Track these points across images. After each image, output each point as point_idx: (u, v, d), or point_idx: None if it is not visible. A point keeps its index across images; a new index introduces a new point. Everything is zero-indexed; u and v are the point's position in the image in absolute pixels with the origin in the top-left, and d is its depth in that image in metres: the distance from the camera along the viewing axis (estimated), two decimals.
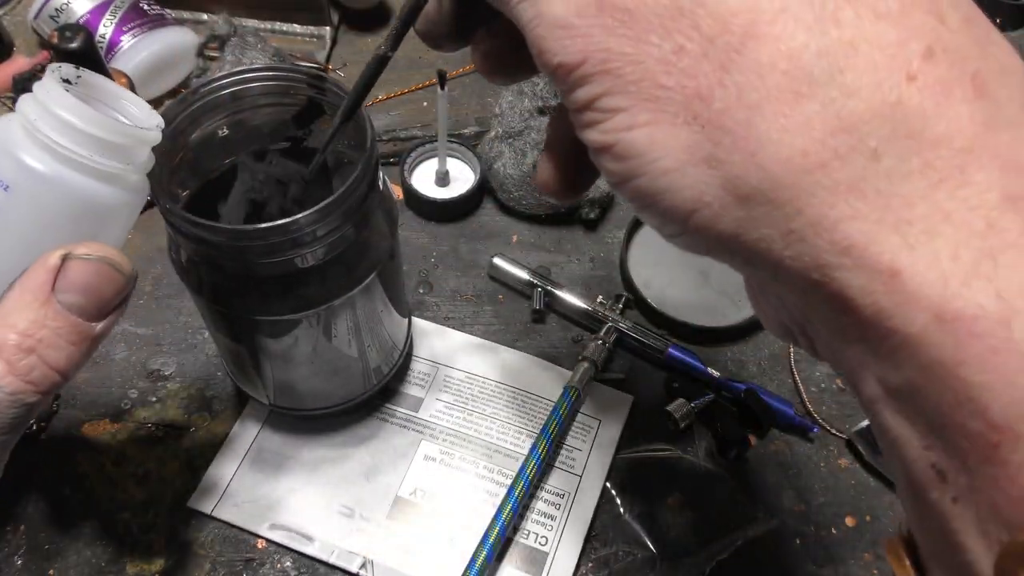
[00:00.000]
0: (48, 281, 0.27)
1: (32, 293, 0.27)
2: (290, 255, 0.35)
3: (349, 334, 0.43)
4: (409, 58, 0.74)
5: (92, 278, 0.28)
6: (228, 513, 0.47)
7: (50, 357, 0.27)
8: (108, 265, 0.28)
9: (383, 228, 0.41)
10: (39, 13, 0.67)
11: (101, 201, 0.29)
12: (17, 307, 0.27)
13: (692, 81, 0.20)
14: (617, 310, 0.56)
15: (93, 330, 0.28)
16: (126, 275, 0.29)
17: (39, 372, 0.27)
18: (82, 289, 0.27)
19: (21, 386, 0.26)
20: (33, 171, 0.27)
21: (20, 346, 0.26)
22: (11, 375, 0.26)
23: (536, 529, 0.47)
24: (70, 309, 0.27)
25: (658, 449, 0.51)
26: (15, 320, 0.26)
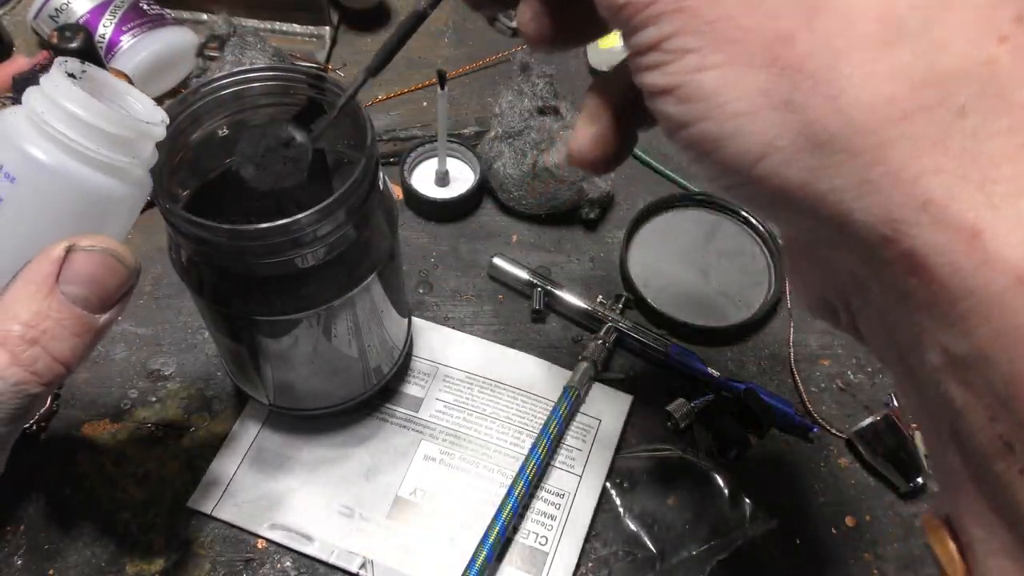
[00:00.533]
0: (52, 272, 0.27)
1: (36, 284, 0.27)
2: (290, 255, 0.35)
3: (349, 334, 0.43)
4: (409, 58, 0.74)
5: (96, 270, 0.28)
6: (228, 513, 0.47)
7: (54, 348, 0.27)
8: (112, 257, 0.28)
9: (383, 228, 0.41)
10: (39, 13, 0.67)
11: (106, 194, 0.29)
12: (21, 298, 0.27)
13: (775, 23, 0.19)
14: (617, 310, 0.56)
15: (97, 322, 0.28)
16: (129, 268, 0.29)
17: (43, 363, 0.27)
18: (86, 281, 0.27)
19: (25, 377, 0.26)
20: (39, 163, 0.27)
21: (24, 337, 0.26)
22: (15, 366, 0.26)
23: (536, 529, 0.47)
24: (74, 301, 0.27)
25: (658, 449, 0.51)
26: (18, 311, 0.26)
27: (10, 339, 0.26)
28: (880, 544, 0.48)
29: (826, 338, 0.57)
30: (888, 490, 0.51)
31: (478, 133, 0.65)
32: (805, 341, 0.57)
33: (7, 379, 0.26)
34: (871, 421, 0.50)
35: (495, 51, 0.74)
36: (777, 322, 0.58)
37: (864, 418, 0.51)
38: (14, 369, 0.26)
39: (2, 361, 0.26)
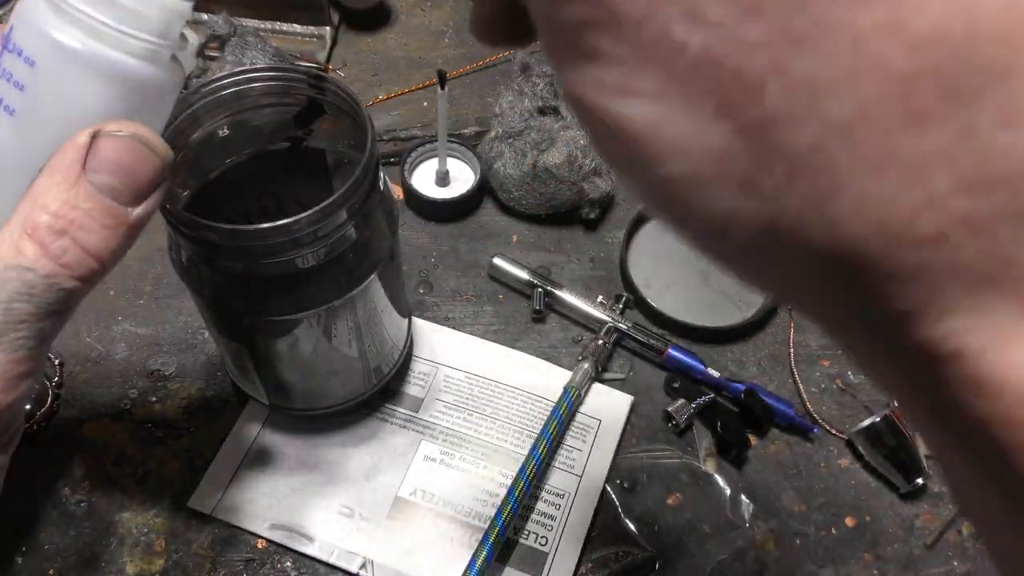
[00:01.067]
0: (78, 160, 0.26)
1: (62, 173, 0.25)
2: (291, 255, 0.35)
3: (349, 334, 0.43)
4: (409, 58, 0.74)
5: (124, 156, 0.26)
6: (228, 513, 0.47)
7: (83, 240, 0.26)
8: (141, 143, 0.26)
9: (383, 228, 0.41)
10: None
11: (137, 79, 0.27)
12: (47, 188, 0.25)
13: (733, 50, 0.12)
14: (617, 310, 0.56)
15: (129, 215, 0.27)
16: (160, 155, 0.27)
17: (73, 255, 0.26)
18: (114, 168, 0.26)
19: (56, 269, 0.25)
20: (62, 46, 0.26)
21: (52, 227, 0.25)
22: (45, 258, 0.25)
23: (536, 529, 0.47)
24: (102, 190, 0.26)
25: (658, 449, 0.51)
26: (46, 201, 0.25)
27: (38, 230, 0.25)
28: (880, 544, 0.48)
29: (826, 338, 0.57)
30: (888, 490, 0.51)
31: (478, 133, 0.65)
32: (805, 341, 0.57)
33: (38, 271, 0.25)
34: (871, 421, 0.50)
35: (495, 51, 0.74)
36: (777, 322, 0.58)
37: (864, 418, 0.51)
38: (44, 261, 0.25)
39: (31, 253, 0.25)
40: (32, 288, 0.25)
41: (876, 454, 0.50)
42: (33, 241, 0.25)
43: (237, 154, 0.41)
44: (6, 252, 0.25)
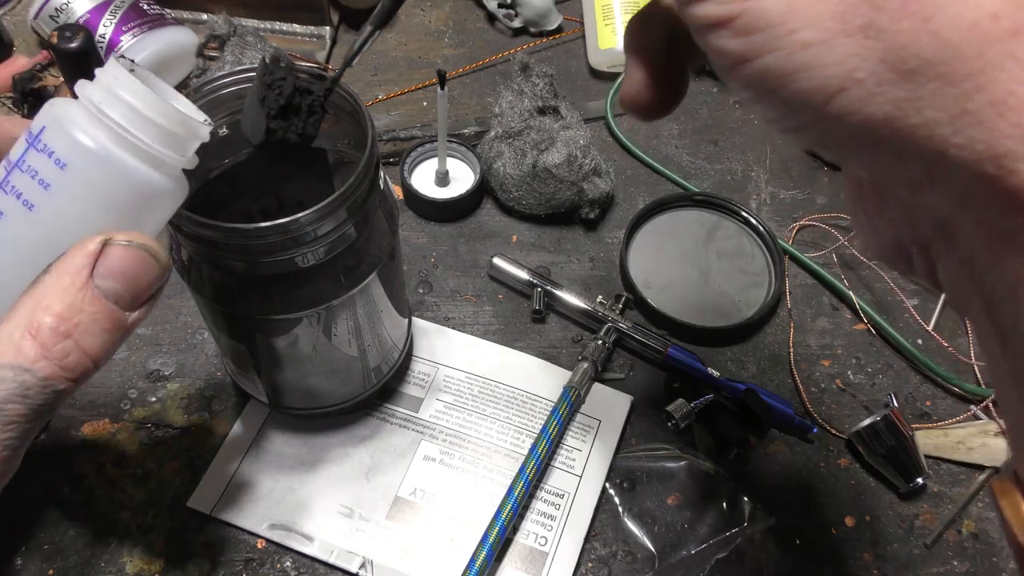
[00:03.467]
0: (87, 265, 0.26)
1: (70, 276, 0.26)
2: (291, 254, 0.35)
3: (349, 333, 0.43)
4: (409, 58, 0.74)
5: (131, 265, 0.27)
6: (228, 513, 0.47)
7: (85, 343, 0.26)
8: (147, 254, 0.27)
9: (384, 227, 0.41)
10: (39, 13, 0.67)
11: (152, 188, 0.29)
12: (54, 290, 0.26)
13: None
14: (617, 310, 0.56)
15: (126, 320, 0.27)
16: (163, 266, 0.28)
17: (74, 357, 0.26)
18: (120, 276, 0.27)
19: (55, 371, 0.25)
20: (91, 151, 0.27)
21: (56, 329, 0.25)
22: (45, 359, 0.25)
23: (536, 529, 0.47)
24: (107, 296, 0.27)
25: (658, 449, 0.51)
26: (51, 303, 0.26)
27: (42, 331, 0.25)
28: (880, 544, 0.48)
29: (826, 338, 0.57)
30: (888, 490, 0.51)
31: (478, 133, 0.65)
32: (805, 341, 0.57)
33: (35, 372, 0.25)
34: (871, 421, 0.50)
35: (495, 51, 0.75)
36: (777, 322, 0.58)
37: (864, 418, 0.51)
38: (43, 363, 0.25)
39: (32, 354, 0.25)
40: (27, 390, 0.25)
41: (876, 454, 0.50)
42: (36, 342, 0.25)
43: (237, 153, 0.41)
44: (4, 350, 0.25)
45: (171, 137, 0.29)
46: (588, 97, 0.72)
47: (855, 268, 0.62)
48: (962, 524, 0.50)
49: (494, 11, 0.77)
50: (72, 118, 0.27)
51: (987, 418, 0.53)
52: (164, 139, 0.29)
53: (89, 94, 0.28)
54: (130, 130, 0.27)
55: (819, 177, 0.68)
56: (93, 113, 0.27)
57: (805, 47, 0.18)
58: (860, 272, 0.62)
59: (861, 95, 0.17)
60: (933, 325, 0.58)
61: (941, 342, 0.56)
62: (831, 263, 0.61)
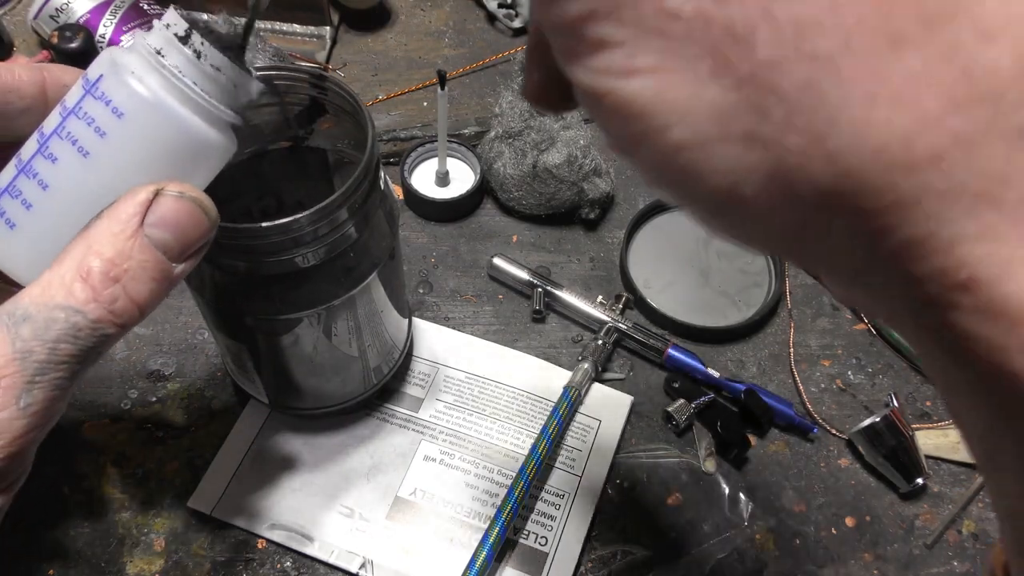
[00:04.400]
0: (139, 213, 0.26)
1: (121, 224, 0.26)
2: (291, 254, 0.35)
3: (349, 334, 0.43)
4: (409, 58, 0.74)
5: (181, 217, 0.27)
6: (228, 513, 0.47)
7: (133, 290, 0.26)
8: (198, 207, 0.28)
9: (384, 228, 0.41)
10: (39, 13, 0.67)
11: (205, 142, 0.29)
12: (105, 236, 0.26)
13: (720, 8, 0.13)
14: (617, 310, 0.56)
15: (173, 271, 0.28)
16: (211, 219, 0.29)
17: (122, 303, 0.26)
18: (170, 226, 0.27)
19: (103, 315, 0.26)
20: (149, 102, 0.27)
21: (107, 274, 0.26)
22: (95, 302, 0.26)
23: (536, 529, 0.47)
24: (156, 245, 0.27)
25: (658, 449, 0.51)
26: (102, 248, 0.26)
27: (92, 275, 0.26)
28: (880, 544, 0.48)
29: (826, 338, 0.57)
30: (888, 490, 0.51)
31: (478, 133, 0.65)
32: (805, 341, 0.57)
33: (86, 314, 0.26)
34: (871, 421, 0.50)
35: (495, 51, 0.75)
36: (777, 322, 0.58)
37: (864, 418, 0.51)
38: (94, 305, 0.26)
39: (83, 296, 0.26)
40: (79, 331, 0.26)
41: (876, 454, 0.50)
42: (87, 285, 0.26)
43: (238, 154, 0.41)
44: (56, 292, 0.26)
45: (225, 91, 0.29)
46: None
47: None
48: (962, 524, 0.50)
49: (494, 11, 0.77)
50: (131, 66, 0.27)
51: None
52: (218, 92, 0.28)
53: (149, 41, 0.27)
54: (186, 81, 0.27)
55: None
56: (151, 62, 0.27)
57: (678, 150, 0.15)
58: None
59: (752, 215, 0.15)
60: None
61: None
62: None
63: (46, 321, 0.25)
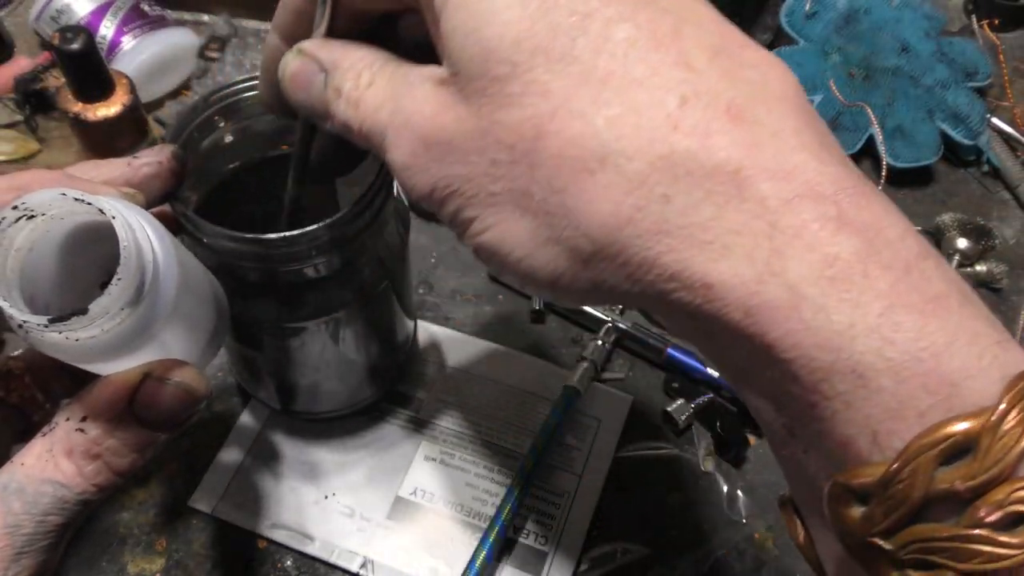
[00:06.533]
0: (124, 399, 0.28)
1: (107, 404, 0.28)
2: (305, 264, 0.35)
3: (358, 340, 0.43)
4: None
5: (168, 401, 0.28)
6: (229, 513, 0.47)
7: (114, 463, 0.28)
8: (183, 390, 0.29)
9: (396, 235, 0.41)
10: (40, 14, 0.67)
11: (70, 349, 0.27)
12: (90, 414, 0.28)
13: (513, 183, 0.23)
14: (617, 310, 0.56)
15: (158, 439, 0.29)
16: (200, 396, 0.29)
17: (104, 477, 0.28)
18: (156, 410, 0.28)
19: (87, 487, 0.28)
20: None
21: (88, 452, 0.27)
22: (79, 477, 0.27)
23: (536, 529, 0.47)
24: (142, 423, 0.28)
25: (658, 449, 0.51)
26: (86, 426, 0.28)
27: (76, 451, 0.27)
28: None
29: None
30: None
31: None
32: None
33: (72, 488, 0.27)
34: None
35: None
36: None
37: None
38: (79, 480, 0.27)
39: (69, 471, 0.27)
40: (65, 503, 0.27)
41: None
42: (71, 461, 0.27)
43: (242, 160, 0.41)
44: (45, 466, 0.27)
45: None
46: None
47: None
48: None
49: None
50: None
51: None
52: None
53: None
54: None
55: None
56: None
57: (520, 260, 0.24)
58: None
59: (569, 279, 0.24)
60: None
61: None
62: None
63: (35, 495, 0.27)
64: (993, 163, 0.68)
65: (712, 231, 0.21)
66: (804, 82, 0.68)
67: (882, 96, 0.66)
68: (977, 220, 0.62)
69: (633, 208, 0.21)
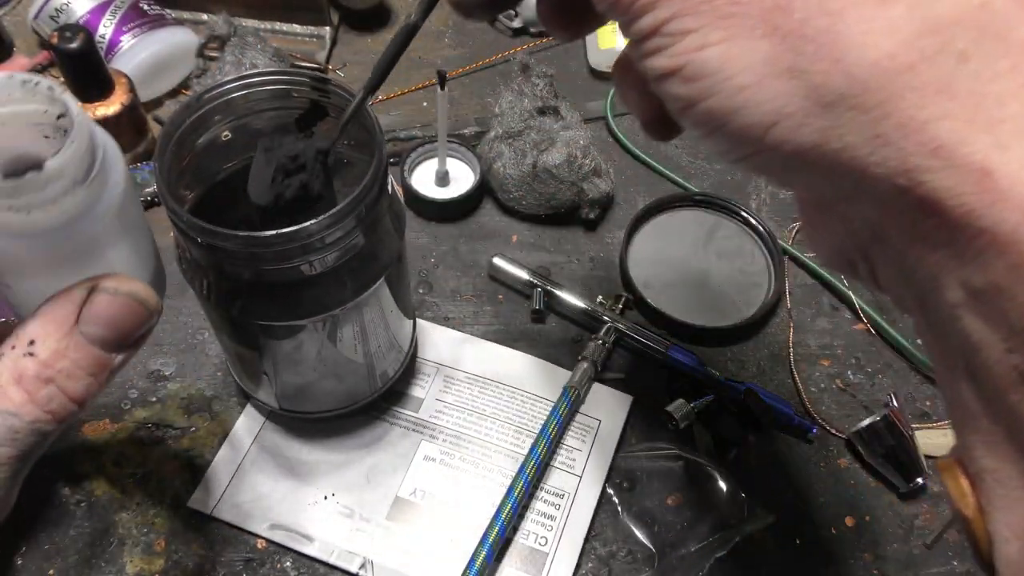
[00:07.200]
0: (72, 313, 0.26)
1: (55, 323, 0.26)
2: (298, 262, 0.35)
3: (355, 339, 0.43)
4: (409, 58, 0.74)
5: (118, 312, 0.27)
6: (228, 513, 0.47)
7: (69, 388, 0.26)
8: (133, 299, 0.27)
9: (391, 233, 0.41)
10: (39, 13, 0.67)
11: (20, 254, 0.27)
12: (39, 336, 0.26)
13: None
14: (617, 310, 0.56)
15: (112, 361, 0.28)
16: (151, 310, 0.28)
17: (58, 402, 0.26)
18: (106, 323, 0.27)
19: (40, 415, 0.26)
20: None
21: (40, 376, 0.26)
22: (31, 404, 0.26)
23: (536, 529, 0.47)
24: (92, 341, 0.27)
25: (658, 449, 0.51)
26: (35, 349, 0.26)
27: (26, 377, 0.26)
28: (880, 544, 0.49)
29: (825, 338, 0.57)
30: (888, 490, 0.51)
31: (478, 133, 0.66)
32: (805, 341, 0.57)
33: (23, 416, 0.26)
34: (871, 421, 0.50)
35: (495, 51, 0.75)
36: (777, 322, 0.58)
37: (864, 418, 0.51)
38: (30, 407, 0.26)
39: (18, 399, 0.26)
40: (16, 433, 0.26)
41: (875, 454, 0.50)
42: (21, 388, 0.26)
43: (238, 158, 0.41)
44: None
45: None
46: (588, 97, 0.72)
47: None
48: None
49: None
50: None
51: None
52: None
53: None
54: None
55: None
56: None
57: (741, 90, 0.21)
58: None
59: (791, 126, 0.21)
60: None
61: None
62: None
63: None
64: None
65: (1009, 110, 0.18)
66: None
67: None
68: None
69: (920, 55, 0.19)
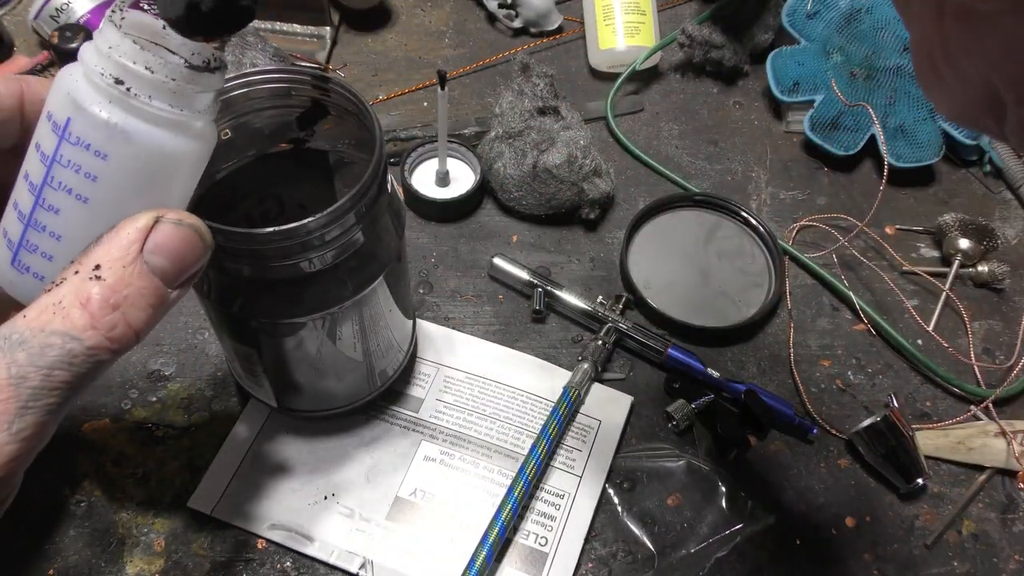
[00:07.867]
0: (138, 240, 0.27)
1: (122, 250, 0.26)
2: (298, 259, 0.35)
3: (355, 337, 0.43)
4: (409, 58, 0.74)
5: (179, 244, 0.27)
6: (228, 513, 0.47)
7: (131, 316, 0.26)
8: (196, 233, 0.28)
9: (391, 231, 0.41)
10: (39, 13, 0.67)
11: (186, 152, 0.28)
12: (104, 261, 0.26)
13: None
14: (617, 310, 0.56)
15: (169, 296, 0.28)
16: (207, 244, 0.29)
17: (120, 330, 0.26)
18: (168, 253, 0.27)
19: (101, 341, 0.26)
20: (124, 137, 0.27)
21: (107, 300, 0.26)
22: (93, 329, 0.26)
23: (536, 529, 0.47)
24: (155, 271, 0.27)
25: (658, 449, 0.51)
26: (102, 273, 0.26)
27: (92, 301, 0.26)
28: (880, 544, 0.49)
29: (826, 338, 0.57)
30: (888, 491, 0.51)
31: (478, 133, 0.65)
32: (805, 341, 0.57)
33: (83, 341, 0.25)
34: (871, 421, 0.50)
35: (495, 51, 0.75)
36: (777, 322, 0.58)
37: (864, 418, 0.51)
38: (91, 332, 0.26)
39: (81, 322, 0.25)
40: (74, 357, 0.26)
41: (876, 454, 0.50)
42: (85, 311, 0.26)
43: (239, 156, 0.41)
44: (51, 317, 0.25)
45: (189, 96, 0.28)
46: (588, 97, 0.72)
47: (855, 268, 0.62)
48: (962, 525, 0.50)
49: (494, 11, 0.77)
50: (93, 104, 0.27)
51: (987, 419, 0.53)
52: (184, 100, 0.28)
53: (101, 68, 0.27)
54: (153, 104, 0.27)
55: (819, 177, 0.68)
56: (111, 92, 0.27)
57: None
58: (860, 272, 0.62)
59: None
60: (933, 326, 0.58)
61: (941, 342, 0.57)
62: (831, 263, 0.61)
63: (42, 347, 0.25)
64: (996, 163, 0.68)
65: None
66: (805, 82, 0.68)
67: (884, 96, 0.66)
68: (979, 220, 0.62)
69: None
